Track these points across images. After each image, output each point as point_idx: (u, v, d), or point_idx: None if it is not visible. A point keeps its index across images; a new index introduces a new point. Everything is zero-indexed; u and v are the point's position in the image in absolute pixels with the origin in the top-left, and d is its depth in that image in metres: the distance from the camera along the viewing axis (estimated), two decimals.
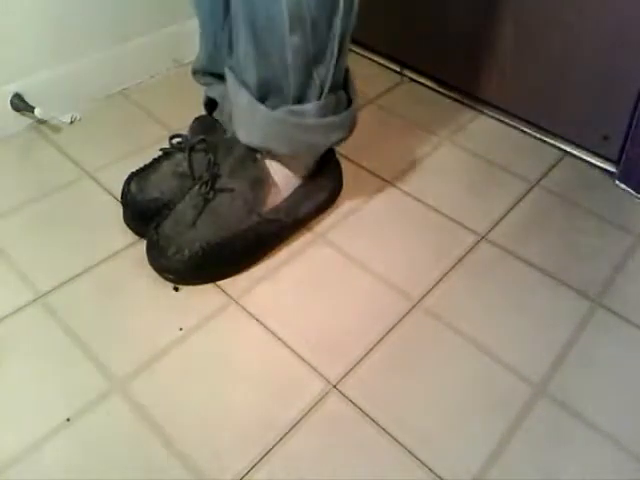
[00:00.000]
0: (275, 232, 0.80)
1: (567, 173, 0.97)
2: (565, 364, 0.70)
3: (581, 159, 0.99)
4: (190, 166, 0.79)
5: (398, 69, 1.16)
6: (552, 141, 1.02)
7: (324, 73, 0.72)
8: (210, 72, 0.87)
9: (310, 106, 0.73)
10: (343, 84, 0.77)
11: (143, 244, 0.77)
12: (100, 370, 0.67)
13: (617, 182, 0.95)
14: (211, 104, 0.89)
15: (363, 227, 0.85)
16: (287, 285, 0.77)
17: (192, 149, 0.80)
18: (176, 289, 0.75)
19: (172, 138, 0.82)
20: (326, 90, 0.73)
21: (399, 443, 0.62)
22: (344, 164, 0.90)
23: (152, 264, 0.76)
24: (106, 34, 1.03)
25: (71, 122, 1.00)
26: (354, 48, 1.22)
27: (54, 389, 0.65)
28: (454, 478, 0.60)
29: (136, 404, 0.64)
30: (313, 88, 0.72)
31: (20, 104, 0.95)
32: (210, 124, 0.87)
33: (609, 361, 0.71)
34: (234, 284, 0.77)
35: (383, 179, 0.93)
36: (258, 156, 0.78)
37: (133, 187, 0.80)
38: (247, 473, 0.59)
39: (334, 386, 0.67)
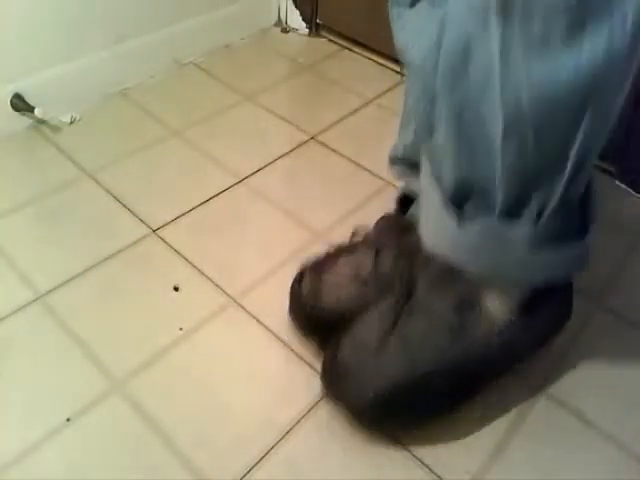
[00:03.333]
0: (484, 372, 0.62)
1: None
2: (565, 364, 0.70)
3: None
4: (376, 273, 0.65)
5: (398, 69, 1.16)
6: None
7: (546, 193, 0.53)
8: (412, 162, 0.67)
9: (520, 231, 0.54)
10: (580, 204, 0.57)
11: (144, 244, 0.77)
12: (100, 370, 0.67)
13: (617, 182, 0.95)
14: (405, 201, 0.71)
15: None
16: (287, 285, 0.77)
17: (379, 251, 0.66)
18: (176, 289, 0.75)
19: (354, 233, 0.70)
20: (547, 214, 0.54)
21: (399, 443, 0.62)
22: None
23: (328, 393, 0.63)
24: (106, 34, 1.03)
25: (71, 122, 1.00)
26: (353, 48, 1.22)
27: (54, 389, 0.65)
28: (454, 478, 0.60)
29: (136, 404, 0.64)
30: (529, 208, 0.54)
31: (20, 104, 0.95)
32: (402, 225, 0.69)
33: (609, 361, 0.71)
34: (234, 284, 0.77)
35: (383, 179, 0.93)
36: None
37: (305, 288, 0.68)
38: (247, 473, 0.59)
39: None
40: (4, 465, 0.59)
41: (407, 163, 0.68)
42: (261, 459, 0.60)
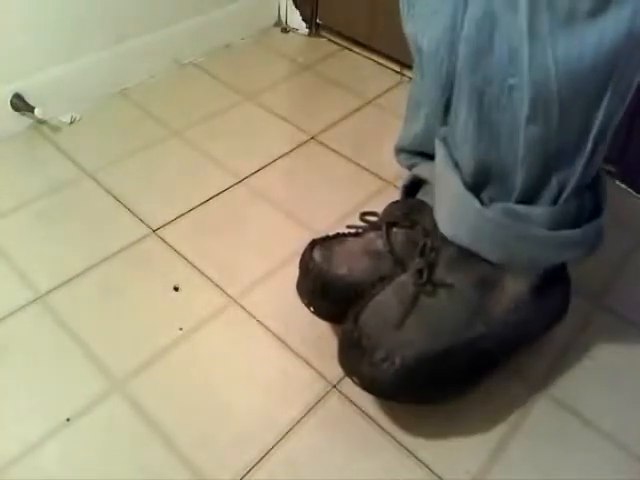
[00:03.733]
0: (500, 349, 0.63)
1: None
2: (565, 364, 0.70)
3: None
4: (390, 244, 0.64)
5: (398, 69, 1.16)
6: None
7: (566, 174, 0.54)
8: (419, 152, 0.69)
9: (539, 211, 0.56)
10: (592, 185, 0.59)
11: (144, 244, 0.77)
12: (100, 370, 0.67)
13: (617, 182, 0.95)
14: (412, 187, 0.72)
15: None
16: (287, 285, 0.77)
17: (391, 226, 0.66)
18: (176, 289, 0.75)
19: (363, 215, 0.69)
20: (566, 194, 0.55)
21: (399, 443, 0.62)
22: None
23: (346, 365, 0.61)
24: (106, 34, 1.03)
25: (71, 122, 1.00)
26: (353, 48, 1.22)
27: (54, 389, 0.65)
28: (454, 478, 0.60)
29: (136, 404, 0.64)
30: (548, 190, 0.55)
31: (20, 104, 0.95)
32: (415, 205, 0.69)
33: (609, 361, 0.71)
34: (234, 284, 0.77)
35: (383, 179, 0.93)
36: None
37: (317, 255, 0.66)
38: (247, 473, 0.59)
39: (334, 386, 0.67)
40: (4, 465, 0.59)
41: (414, 152, 0.68)
42: (261, 459, 0.60)
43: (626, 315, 0.76)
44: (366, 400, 0.65)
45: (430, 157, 0.65)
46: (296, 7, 1.26)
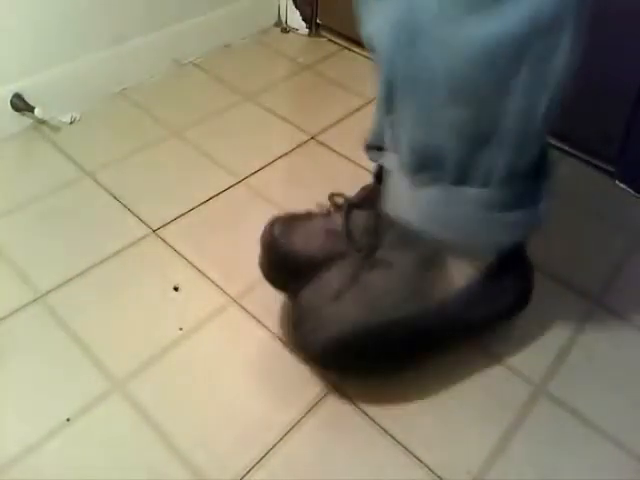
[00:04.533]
0: (438, 331, 0.64)
1: (567, 173, 0.97)
2: (565, 364, 0.70)
3: (581, 159, 0.99)
4: (346, 226, 0.67)
5: None
6: (552, 141, 1.02)
7: (494, 157, 0.55)
8: (381, 146, 0.70)
9: (473, 192, 0.57)
10: (534, 170, 0.59)
11: (144, 244, 0.77)
12: (100, 370, 0.67)
13: (617, 182, 0.95)
14: (381, 174, 0.73)
15: None
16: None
17: (352, 208, 0.68)
18: (176, 289, 0.75)
19: (332, 196, 0.72)
20: (498, 177, 0.56)
21: (399, 443, 0.62)
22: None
23: (289, 336, 0.68)
24: (106, 34, 1.03)
25: (71, 122, 1.00)
26: (353, 48, 1.22)
27: (54, 389, 0.65)
28: (454, 478, 0.60)
29: (136, 404, 0.64)
30: (476, 172, 0.56)
31: (20, 104, 0.95)
32: (376, 191, 0.71)
33: (609, 361, 0.71)
34: (234, 284, 0.77)
35: None
36: None
37: (276, 230, 0.70)
38: (247, 473, 0.59)
39: (334, 386, 0.67)
40: (4, 465, 0.59)
41: (378, 148, 0.70)
42: (261, 459, 0.60)
43: (626, 315, 0.76)
44: (366, 400, 0.65)
45: None
46: (296, 7, 1.26)
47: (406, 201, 0.61)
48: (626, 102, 0.90)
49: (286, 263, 0.69)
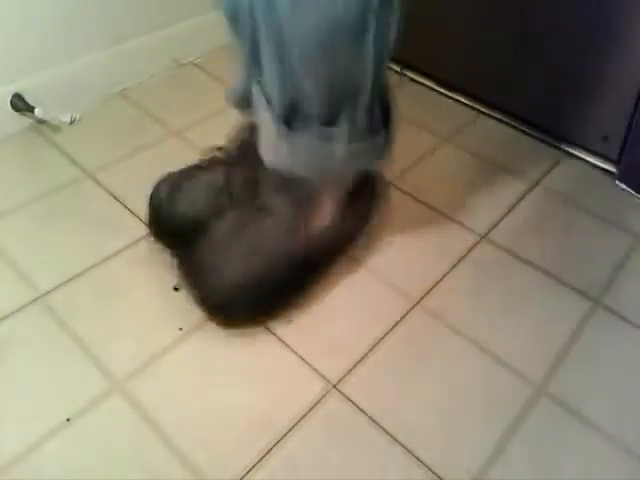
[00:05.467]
0: (321, 257, 0.73)
1: (567, 173, 0.97)
2: (565, 364, 0.70)
3: (581, 159, 0.99)
4: (227, 183, 0.73)
5: (398, 69, 1.16)
6: (552, 141, 1.02)
7: (356, 102, 0.65)
8: (247, 99, 0.77)
9: (339, 129, 0.65)
10: (382, 106, 0.70)
11: (144, 244, 0.77)
12: (100, 370, 0.67)
13: (617, 182, 0.95)
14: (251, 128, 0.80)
15: None
16: None
17: (231, 166, 0.73)
18: (176, 289, 0.75)
19: (216, 150, 0.76)
20: (360, 113, 0.65)
21: (399, 443, 0.62)
22: None
23: (191, 291, 0.71)
24: (106, 34, 1.03)
25: (71, 122, 1.00)
26: None
27: (54, 389, 0.65)
28: (454, 478, 0.60)
29: (136, 404, 0.64)
30: (344, 115, 0.65)
31: (20, 104, 0.95)
32: (253, 146, 0.77)
33: (609, 361, 0.71)
34: None
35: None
36: None
37: (163, 192, 0.75)
38: (247, 473, 0.59)
39: (334, 386, 0.67)
40: (4, 465, 0.59)
41: (244, 101, 0.77)
42: (261, 459, 0.60)
43: (626, 315, 0.76)
44: (366, 400, 0.65)
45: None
46: None
47: (280, 147, 0.67)
48: (626, 102, 0.91)
49: (173, 225, 0.74)
